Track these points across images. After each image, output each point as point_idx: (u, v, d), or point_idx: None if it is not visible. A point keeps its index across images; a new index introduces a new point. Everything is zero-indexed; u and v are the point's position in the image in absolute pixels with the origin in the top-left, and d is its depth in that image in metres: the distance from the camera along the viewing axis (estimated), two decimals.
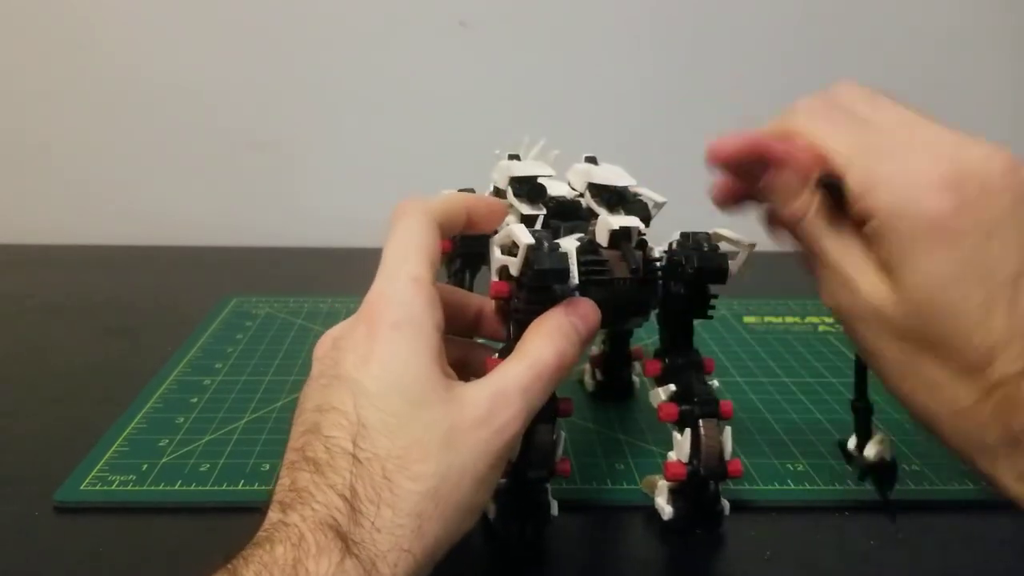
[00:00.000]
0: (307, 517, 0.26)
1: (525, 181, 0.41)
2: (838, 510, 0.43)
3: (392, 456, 0.27)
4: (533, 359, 0.31)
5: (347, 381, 0.29)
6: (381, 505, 0.26)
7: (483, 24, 0.87)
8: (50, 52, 0.87)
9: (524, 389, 0.30)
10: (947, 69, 0.91)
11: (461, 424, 0.28)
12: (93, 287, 0.77)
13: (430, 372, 0.29)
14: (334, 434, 0.28)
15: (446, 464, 0.27)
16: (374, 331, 0.30)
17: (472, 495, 0.28)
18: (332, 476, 0.27)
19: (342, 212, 0.92)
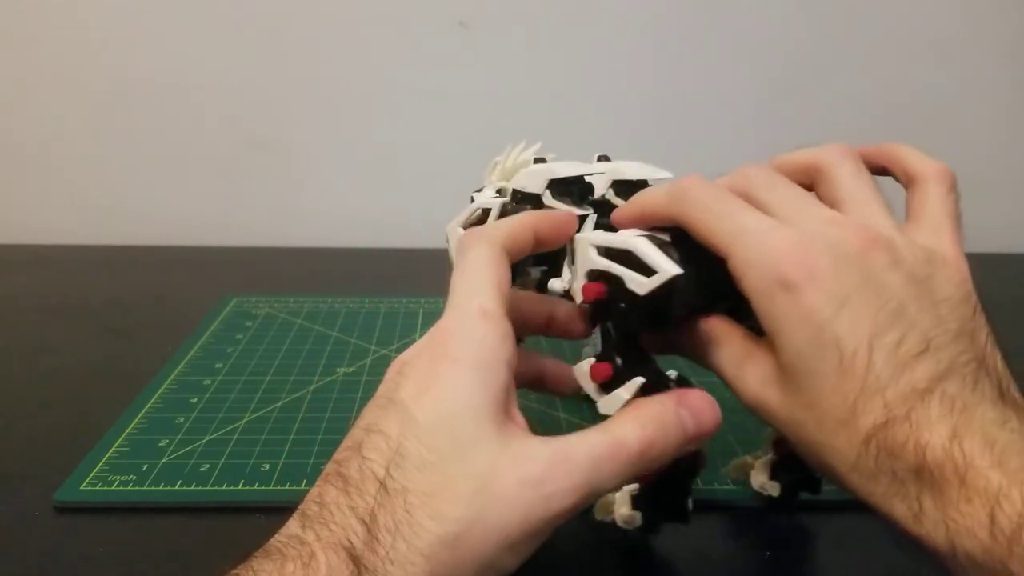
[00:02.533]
0: (323, 537, 0.26)
1: (574, 182, 0.39)
2: (838, 510, 0.43)
3: (420, 491, 0.26)
4: (614, 437, 0.28)
5: (399, 408, 0.28)
6: (398, 537, 0.25)
7: (483, 24, 0.87)
8: (49, 52, 0.87)
9: (591, 464, 0.27)
10: (944, 73, 0.91)
11: (506, 476, 0.26)
12: (93, 287, 0.77)
13: (487, 414, 0.27)
14: (371, 456, 0.27)
15: (475, 513, 0.26)
16: (436, 364, 0.28)
17: (496, 557, 0.26)
18: (356, 499, 0.26)
19: (342, 212, 0.92)
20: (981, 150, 0.92)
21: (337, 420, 0.51)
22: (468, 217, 0.42)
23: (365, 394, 0.55)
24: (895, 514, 0.27)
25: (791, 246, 0.28)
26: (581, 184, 0.39)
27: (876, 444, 0.27)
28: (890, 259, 0.28)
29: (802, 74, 0.90)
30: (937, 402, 0.26)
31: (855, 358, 0.27)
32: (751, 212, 0.30)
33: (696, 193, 0.31)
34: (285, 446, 0.48)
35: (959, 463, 0.25)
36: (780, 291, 0.28)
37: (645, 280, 0.30)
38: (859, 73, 0.90)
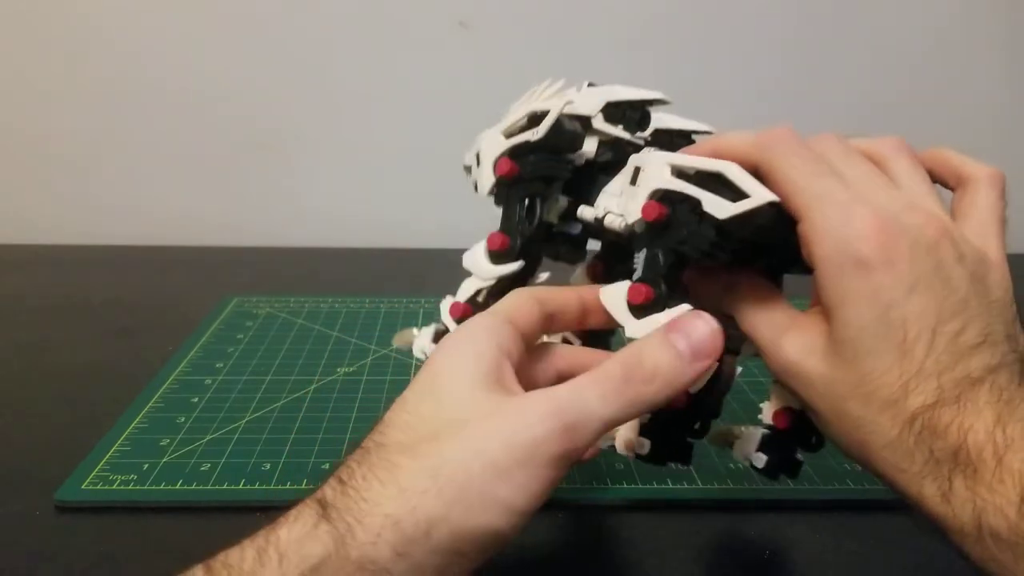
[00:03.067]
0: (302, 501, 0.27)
1: (634, 107, 0.36)
2: (837, 510, 0.43)
3: (399, 442, 0.27)
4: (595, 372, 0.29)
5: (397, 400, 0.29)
6: (372, 479, 0.26)
7: (483, 24, 0.87)
8: (50, 52, 0.87)
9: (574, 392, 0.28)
10: (942, 73, 0.91)
11: (486, 416, 0.27)
12: (93, 287, 0.77)
13: (472, 382, 0.28)
14: (363, 443, 0.28)
15: (453, 446, 0.26)
16: (433, 355, 0.30)
17: (484, 483, 0.26)
18: (340, 469, 0.27)
19: (342, 212, 0.92)
20: (980, 150, 0.91)
21: (337, 420, 0.51)
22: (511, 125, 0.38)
23: (365, 394, 0.55)
24: (923, 492, 0.28)
25: (873, 226, 0.28)
26: (642, 112, 0.37)
27: (921, 423, 0.28)
28: (957, 253, 0.29)
29: (799, 73, 0.90)
30: (987, 391, 0.28)
31: (917, 342, 0.28)
32: (836, 180, 0.30)
33: (789, 145, 0.31)
34: (286, 445, 0.48)
35: (999, 445, 0.26)
36: (854, 267, 0.28)
37: (729, 204, 0.29)
38: (857, 73, 0.90)
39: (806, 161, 0.30)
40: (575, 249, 0.39)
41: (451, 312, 0.38)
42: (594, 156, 0.37)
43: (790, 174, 0.30)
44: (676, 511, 0.43)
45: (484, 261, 0.38)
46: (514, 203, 0.37)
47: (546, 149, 0.36)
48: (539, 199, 0.37)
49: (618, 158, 0.36)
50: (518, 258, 0.37)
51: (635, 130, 0.37)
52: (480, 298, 0.38)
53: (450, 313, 0.38)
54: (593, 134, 0.37)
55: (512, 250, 0.37)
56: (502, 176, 0.36)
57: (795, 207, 0.30)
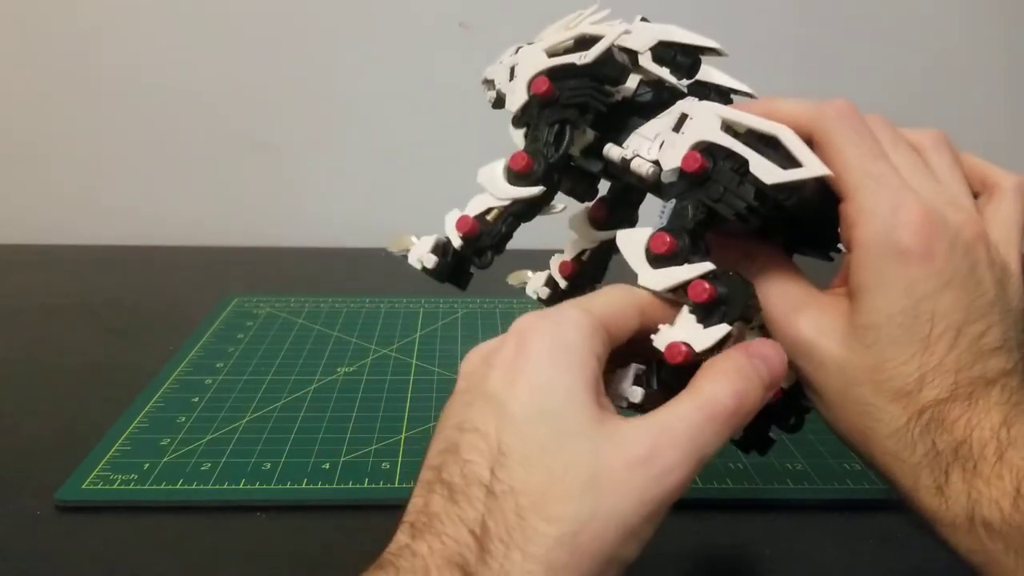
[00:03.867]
0: (435, 551, 0.25)
1: (687, 52, 0.34)
2: (838, 510, 0.43)
3: (528, 491, 0.25)
4: (706, 398, 0.27)
5: (492, 401, 0.27)
6: (511, 547, 0.24)
7: (483, 25, 0.87)
8: (50, 52, 0.87)
9: (693, 431, 0.26)
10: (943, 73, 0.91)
11: (613, 463, 0.25)
12: (93, 287, 0.77)
13: (584, 402, 0.26)
14: (472, 458, 0.26)
15: (589, 508, 0.24)
16: (526, 351, 0.27)
17: (617, 547, 0.25)
18: (465, 507, 0.25)
19: (342, 212, 0.92)
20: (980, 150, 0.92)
21: (337, 420, 0.51)
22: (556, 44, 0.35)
23: (365, 394, 0.55)
24: (917, 484, 0.28)
25: (919, 217, 0.28)
26: (694, 58, 0.35)
27: (930, 415, 0.28)
28: (989, 257, 0.30)
29: (800, 75, 0.90)
30: (998, 392, 0.28)
31: (942, 337, 0.28)
32: (889, 164, 0.30)
33: (850, 120, 0.30)
34: (286, 445, 0.48)
35: (1002, 443, 0.27)
36: (894, 255, 0.28)
37: (779, 170, 0.28)
38: (858, 74, 0.90)
39: (864, 139, 0.30)
40: (589, 187, 0.38)
41: (458, 226, 0.35)
42: (632, 94, 0.35)
43: (846, 150, 0.30)
44: (676, 510, 0.43)
45: (502, 180, 0.35)
46: (544, 126, 0.34)
47: (590, 76, 0.34)
48: (570, 126, 0.34)
49: (657, 101, 0.34)
50: (538, 183, 0.34)
51: (682, 76, 0.35)
52: (490, 216, 0.35)
53: (456, 227, 0.35)
54: (637, 71, 0.35)
55: (534, 173, 0.34)
56: (537, 95, 0.34)
57: (845, 185, 0.30)
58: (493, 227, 0.35)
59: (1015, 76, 0.92)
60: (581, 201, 0.39)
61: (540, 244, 0.43)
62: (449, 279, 0.37)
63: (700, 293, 0.29)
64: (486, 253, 0.35)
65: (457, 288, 0.37)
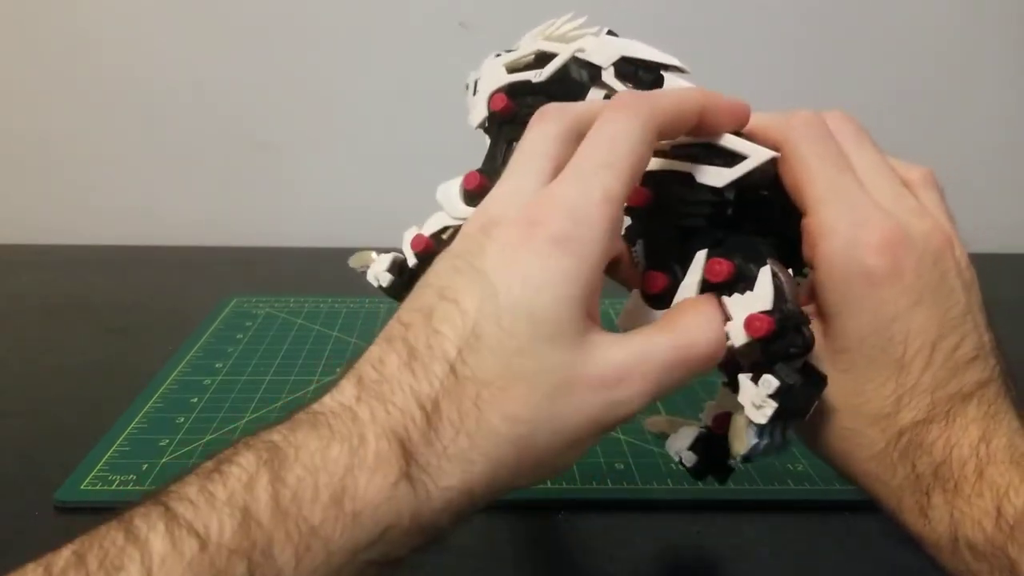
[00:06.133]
0: (378, 419, 0.23)
1: (649, 69, 0.33)
2: (838, 510, 0.43)
3: (493, 384, 0.24)
4: (686, 339, 0.26)
5: (481, 278, 0.25)
6: (461, 432, 0.23)
7: (483, 24, 0.87)
8: (50, 52, 0.87)
9: (665, 368, 0.25)
10: (944, 73, 0.91)
11: (581, 379, 0.24)
12: (93, 287, 0.77)
13: (572, 306, 0.24)
14: (443, 330, 0.24)
15: (547, 415, 0.24)
16: (533, 235, 0.25)
17: (557, 457, 0.25)
18: (421, 379, 0.24)
19: (342, 212, 0.92)
20: (981, 150, 0.92)
21: None
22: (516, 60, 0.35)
23: None
24: (901, 505, 0.28)
25: (884, 235, 0.28)
26: (656, 74, 0.34)
27: (908, 439, 0.28)
28: (956, 264, 0.29)
29: (802, 75, 0.90)
30: (975, 406, 0.28)
31: (916, 357, 0.28)
32: (853, 177, 0.29)
33: (817, 130, 0.30)
34: None
35: (982, 460, 0.27)
36: (858, 276, 0.28)
37: (726, 171, 0.28)
38: (858, 74, 0.90)
39: (829, 151, 0.29)
40: None
41: (413, 244, 0.35)
42: None
43: (810, 161, 0.29)
44: (676, 511, 0.43)
45: (457, 198, 0.35)
46: (501, 144, 0.34)
47: (546, 94, 0.34)
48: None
49: None
50: None
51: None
52: (445, 236, 0.35)
53: (411, 245, 0.35)
54: (600, 87, 0.34)
55: (486, 192, 0.33)
56: (495, 112, 0.34)
57: (807, 197, 0.29)
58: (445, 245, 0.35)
59: (1015, 76, 0.92)
60: None
61: None
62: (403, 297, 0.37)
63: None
64: None
65: None
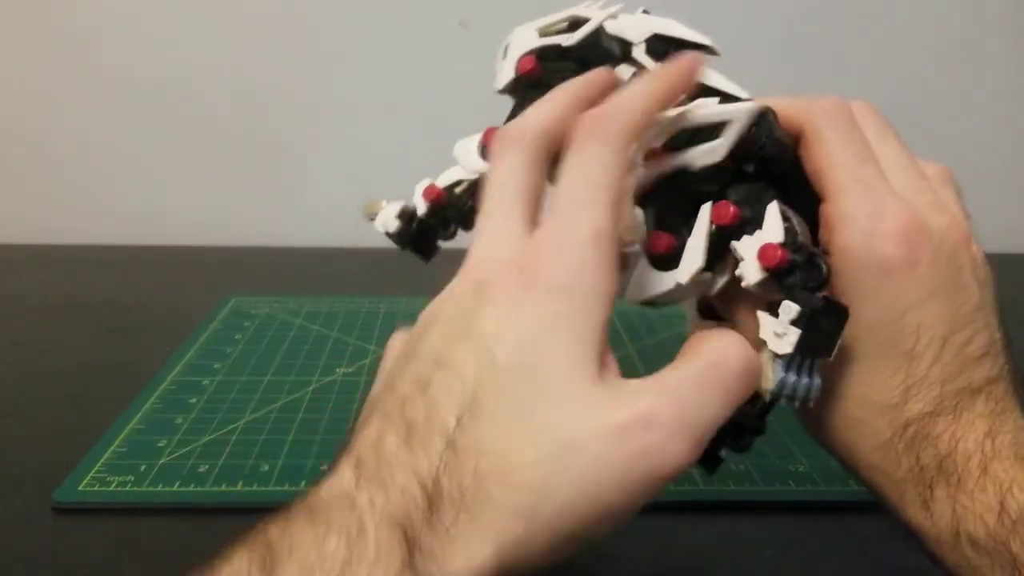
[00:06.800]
0: (377, 505, 0.22)
1: (680, 46, 0.33)
2: (838, 510, 0.43)
3: (493, 453, 0.22)
4: (715, 358, 0.24)
5: (477, 340, 0.23)
6: (461, 512, 0.21)
7: (483, 24, 0.87)
8: (49, 51, 0.87)
9: (698, 399, 0.23)
10: (944, 73, 0.91)
11: (596, 431, 0.22)
12: (93, 287, 0.77)
13: (579, 357, 0.23)
14: (441, 401, 0.23)
15: (556, 477, 0.21)
16: (527, 288, 0.24)
17: (584, 526, 0.22)
18: (420, 456, 0.22)
19: (342, 212, 0.92)
20: (981, 150, 0.91)
21: (337, 420, 0.51)
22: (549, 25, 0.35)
23: (365, 394, 0.55)
24: (903, 498, 0.28)
25: (903, 226, 0.27)
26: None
27: (914, 430, 0.28)
28: (972, 260, 0.29)
29: (801, 75, 0.89)
30: (983, 401, 0.28)
31: (927, 348, 0.28)
32: (876, 168, 0.29)
33: (840, 117, 0.29)
34: (284, 447, 0.48)
35: (987, 455, 0.26)
36: (874, 264, 0.28)
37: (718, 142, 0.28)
38: (858, 73, 0.90)
39: (853, 140, 0.29)
40: None
41: (424, 194, 0.35)
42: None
43: (834, 149, 0.29)
44: (676, 511, 0.43)
45: (474, 153, 0.35)
46: (525, 104, 0.33)
47: (575, 59, 0.33)
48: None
49: None
50: None
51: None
52: (458, 190, 0.35)
53: (423, 194, 0.35)
54: (631, 64, 0.34)
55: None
56: (522, 74, 0.34)
57: (828, 185, 0.29)
58: (460, 199, 0.35)
59: (1015, 76, 0.92)
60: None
61: None
62: (412, 247, 0.37)
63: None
64: (451, 224, 0.36)
65: (421, 259, 0.37)
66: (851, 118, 0.30)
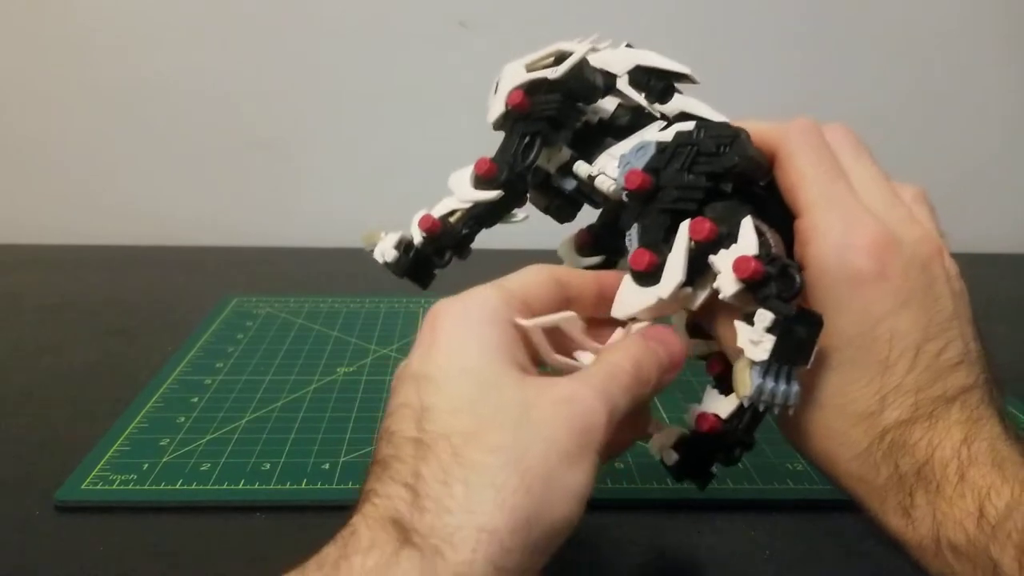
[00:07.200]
0: (368, 514, 0.24)
1: (662, 77, 0.35)
2: (838, 510, 0.43)
3: (460, 432, 0.24)
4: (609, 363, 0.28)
5: (412, 376, 0.27)
6: (452, 483, 0.23)
7: (483, 24, 0.87)
8: (50, 51, 0.87)
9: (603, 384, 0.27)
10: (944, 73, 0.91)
11: (540, 402, 0.25)
12: (93, 287, 0.77)
13: (503, 360, 0.26)
14: (400, 427, 0.26)
15: (526, 436, 0.24)
16: (436, 324, 0.27)
17: (563, 472, 0.24)
18: (396, 466, 0.25)
19: (342, 212, 0.92)
20: (981, 150, 0.92)
21: (337, 420, 0.51)
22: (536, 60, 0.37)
23: (365, 393, 0.55)
24: (884, 506, 0.29)
25: (873, 239, 0.28)
26: (666, 83, 0.36)
27: (891, 438, 0.28)
28: (945, 272, 0.30)
29: (802, 74, 0.90)
30: (958, 409, 0.28)
31: (901, 358, 0.28)
32: (847, 183, 0.30)
33: (811, 137, 0.31)
34: (286, 445, 0.48)
35: (964, 462, 0.27)
36: (846, 276, 0.28)
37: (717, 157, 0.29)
38: (859, 73, 0.90)
39: (823, 158, 0.30)
40: (567, 206, 0.39)
41: (420, 223, 0.37)
42: (610, 117, 0.36)
43: (805, 167, 0.30)
44: (676, 511, 0.43)
45: (467, 183, 0.37)
46: (515, 137, 0.36)
47: (561, 91, 0.35)
48: (540, 139, 0.36)
49: (634, 124, 0.35)
50: (499, 188, 0.36)
51: (654, 100, 0.36)
52: (453, 219, 0.37)
53: (419, 224, 0.37)
54: (616, 95, 0.36)
55: (496, 179, 0.36)
56: (512, 107, 0.36)
57: (801, 201, 0.30)
58: (455, 228, 0.36)
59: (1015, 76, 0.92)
60: (559, 221, 0.40)
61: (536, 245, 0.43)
62: (409, 276, 0.38)
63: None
64: (445, 252, 0.37)
65: (418, 286, 0.39)
66: (821, 138, 0.31)
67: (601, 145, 0.35)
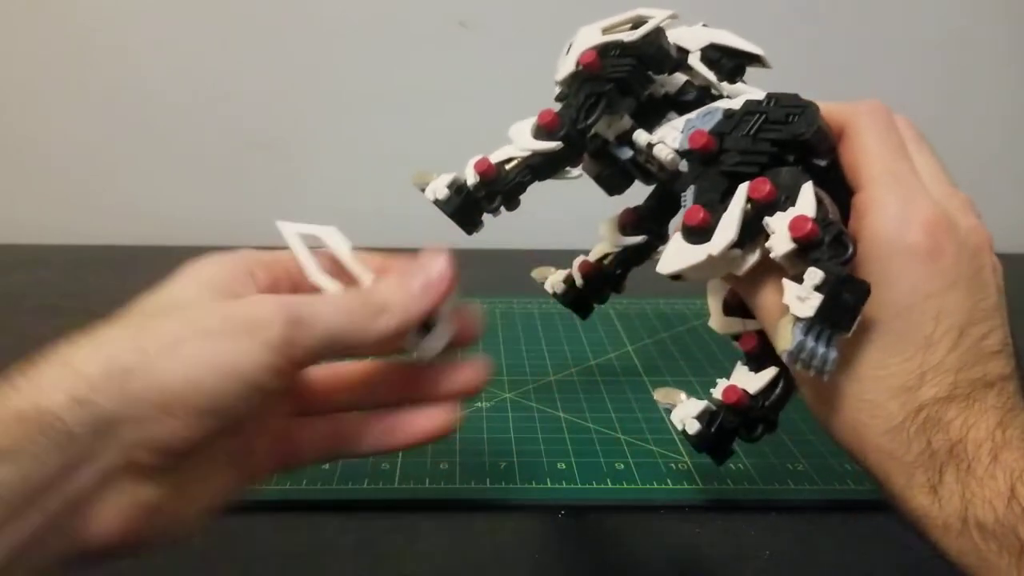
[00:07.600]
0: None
1: (736, 56, 0.37)
2: (838, 510, 0.43)
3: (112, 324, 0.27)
4: (329, 293, 0.31)
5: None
6: (69, 346, 0.26)
7: (483, 24, 0.87)
8: (49, 51, 0.87)
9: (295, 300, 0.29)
10: (944, 73, 0.91)
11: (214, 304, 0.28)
12: (93, 287, 0.77)
13: (212, 286, 0.30)
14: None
15: (169, 318, 0.27)
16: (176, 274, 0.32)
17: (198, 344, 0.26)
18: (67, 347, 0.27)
19: (342, 212, 0.92)
20: (981, 150, 0.92)
21: None
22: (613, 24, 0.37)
23: None
24: (911, 482, 0.28)
25: (931, 217, 0.29)
26: (736, 63, 0.37)
27: (927, 414, 0.28)
28: (992, 264, 0.30)
29: (802, 74, 0.89)
30: (995, 395, 0.28)
31: (945, 336, 0.28)
32: (911, 165, 0.31)
33: (879, 117, 0.31)
34: None
35: (998, 444, 0.27)
36: (901, 250, 0.29)
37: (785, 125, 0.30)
38: (859, 74, 0.90)
39: (891, 138, 0.31)
40: (618, 177, 0.39)
41: (476, 166, 0.37)
42: (676, 92, 0.37)
43: (871, 144, 0.31)
44: (676, 511, 0.43)
45: (527, 133, 0.37)
46: (581, 94, 0.36)
47: (634, 55, 0.35)
48: (604, 101, 0.36)
49: (698, 101, 0.36)
50: (558, 140, 0.36)
51: (723, 78, 0.36)
52: (508, 166, 0.37)
53: (474, 166, 0.37)
54: (686, 70, 0.36)
55: (556, 132, 0.36)
56: (583, 66, 0.36)
57: (863, 176, 0.30)
58: (509, 175, 0.37)
59: (1018, 72, 0.92)
60: (608, 192, 0.40)
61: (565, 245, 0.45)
62: (457, 217, 0.38)
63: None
64: (496, 197, 0.37)
65: (463, 230, 0.38)
66: (890, 120, 0.32)
67: (664, 118, 0.35)
